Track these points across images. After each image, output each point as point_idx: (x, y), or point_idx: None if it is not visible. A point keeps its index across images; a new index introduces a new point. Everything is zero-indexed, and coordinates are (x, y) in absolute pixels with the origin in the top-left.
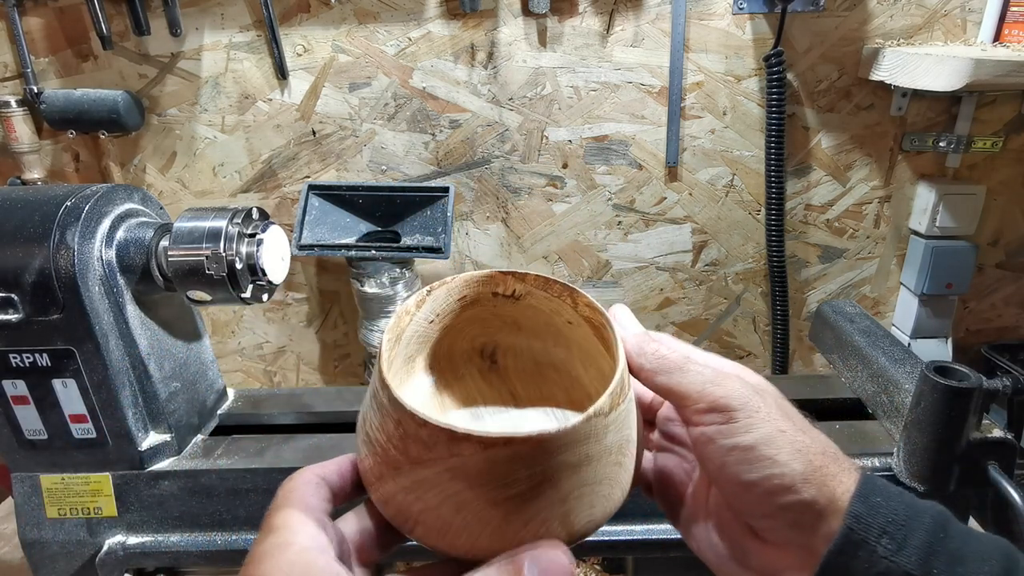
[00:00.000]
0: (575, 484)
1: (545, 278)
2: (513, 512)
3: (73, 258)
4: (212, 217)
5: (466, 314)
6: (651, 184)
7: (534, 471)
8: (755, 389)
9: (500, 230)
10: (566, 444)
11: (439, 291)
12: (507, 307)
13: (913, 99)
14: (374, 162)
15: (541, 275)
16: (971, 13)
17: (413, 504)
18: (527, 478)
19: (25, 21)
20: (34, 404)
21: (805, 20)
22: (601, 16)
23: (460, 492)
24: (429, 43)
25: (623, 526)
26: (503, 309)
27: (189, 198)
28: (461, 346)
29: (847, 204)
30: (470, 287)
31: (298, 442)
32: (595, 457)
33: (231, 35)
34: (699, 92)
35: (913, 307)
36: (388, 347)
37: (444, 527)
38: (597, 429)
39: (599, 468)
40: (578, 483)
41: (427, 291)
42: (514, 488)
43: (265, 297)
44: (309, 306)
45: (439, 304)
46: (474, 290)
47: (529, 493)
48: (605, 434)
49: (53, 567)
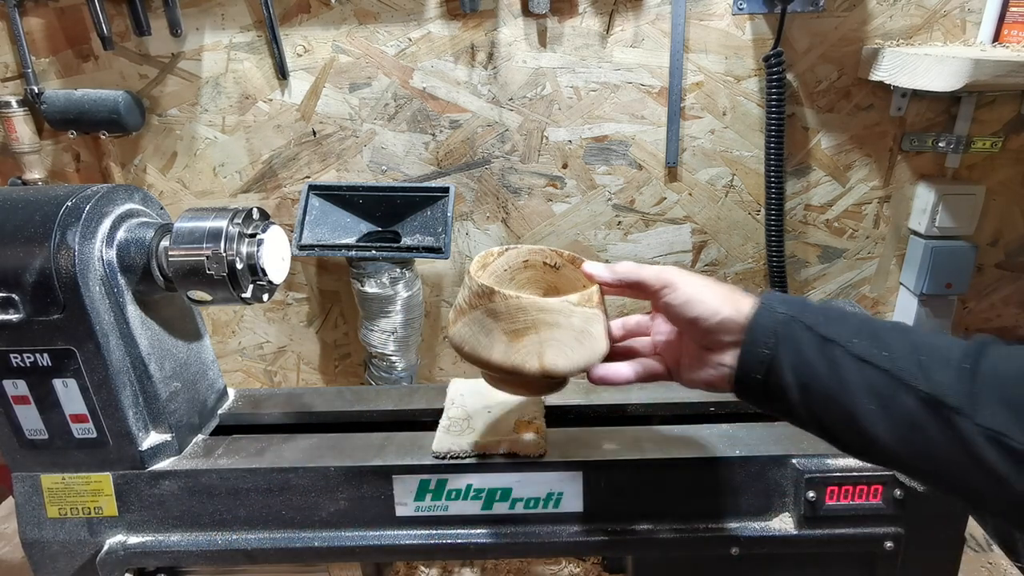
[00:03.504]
0: (548, 336)
1: (573, 256)
2: (514, 339)
3: (74, 258)
4: (212, 217)
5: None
6: (651, 184)
7: (528, 319)
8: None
9: (500, 230)
10: (544, 309)
11: (512, 251)
12: (550, 274)
13: (913, 99)
14: (374, 162)
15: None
16: (970, 13)
17: (465, 332)
18: (523, 321)
19: (26, 21)
20: (35, 404)
21: (805, 20)
22: (601, 16)
23: (489, 324)
24: (429, 43)
25: (623, 526)
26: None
27: (190, 198)
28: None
29: (847, 204)
30: (532, 254)
31: (298, 442)
32: (564, 326)
33: (231, 35)
34: (699, 92)
35: (913, 307)
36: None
37: (478, 344)
38: (565, 309)
39: (564, 334)
40: (549, 336)
41: (505, 248)
42: (515, 325)
43: (265, 297)
44: (309, 306)
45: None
46: (534, 257)
47: (523, 331)
48: (571, 315)
49: (54, 567)
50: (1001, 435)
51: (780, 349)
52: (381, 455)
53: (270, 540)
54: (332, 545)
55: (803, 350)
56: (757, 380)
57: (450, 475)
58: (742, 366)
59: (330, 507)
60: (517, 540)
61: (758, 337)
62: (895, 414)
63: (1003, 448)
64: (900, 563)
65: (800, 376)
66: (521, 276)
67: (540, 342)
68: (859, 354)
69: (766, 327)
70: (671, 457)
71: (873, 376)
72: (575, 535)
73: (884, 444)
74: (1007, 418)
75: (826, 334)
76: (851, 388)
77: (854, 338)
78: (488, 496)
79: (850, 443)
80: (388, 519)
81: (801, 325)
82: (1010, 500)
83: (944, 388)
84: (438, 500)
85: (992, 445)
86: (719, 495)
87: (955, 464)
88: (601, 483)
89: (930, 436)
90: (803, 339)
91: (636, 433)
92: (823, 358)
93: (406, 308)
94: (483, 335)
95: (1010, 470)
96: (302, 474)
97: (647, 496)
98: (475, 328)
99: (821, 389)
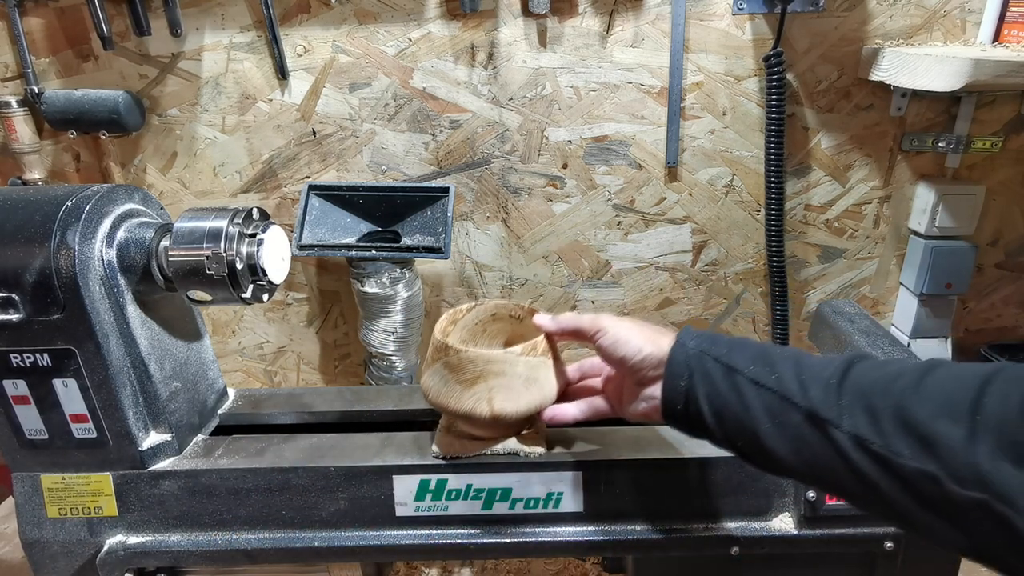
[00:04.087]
0: (496, 383)
1: (532, 309)
2: (466, 388)
3: (74, 258)
4: (212, 217)
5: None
6: (651, 184)
7: (477, 369)
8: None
9: (500, 230)
10: (491, 360)
11: (480, 307)
12: (516, 324)
13: (913, 99)
14: (374, 162)
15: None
16: (970, 13)
17: (430, 381)
18: (472, 372)
19: (26, 21)
20: (35, 404)
21: (805, 20)
22: (601, 16)
23: (446, 375)
24: (429, 43)
25: (623, 526)
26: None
27: (190, 198)
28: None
29: (847, 204)
30: (499, 308)
31: (298, 442)
32: (510, 375)
33: (231, 35)
34: (699, 92)
35: (913, 307)
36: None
37: (439, 393)
38: (510, 359)
39: (511, 381)
40: (497, 384)
41: (474, 304)
42: (467, 376)
43: (265, 297)
44: (309, 306)
45: (480, 313)
46: (501, 310)
47: (473, 380)
48: (516, 364)
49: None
50: (863, 439)
51: (694, 380)
52: (381, 455)
53: (270, 540)
54: (332, 545)
55: (713, 380)
56: (679, 410)
57: (450, 475)
58: (665, 398)
59: (330, 507)
60: (517, 540)
61: (675, 370)
62: (786, 431)
63: (867, 452)
64: (900, 563)
65: (713, 404)
66: (492, 327)
67: (489, 389)
68: (755, 378)
69: (680, 361)
70: (671, 457)
71: (767, 397)
72: (575, 535)
73: (782, 459)
74: (866, 423)
75: (730, 363)
76: (752, 411)
77: (752, 365)
78: (488, 496)
79: (758, 461)
80: (388, 519)
81: (709, 358)
82: (884, 502)
83: (818, 402)
84: (438, 500)
85: (858, 449)
86: (719, 495)
87: (836, 472)
88: (601, 483)
89: (814, 448)
90: (713, 370)
91: (636, 433)
92: (729, 385)
93: (406, 308)
94: (443, 384)
95: (876, 473)
96: (302, 474)
97: (647, 496)
98: (436, 378)
99: (732, 415)
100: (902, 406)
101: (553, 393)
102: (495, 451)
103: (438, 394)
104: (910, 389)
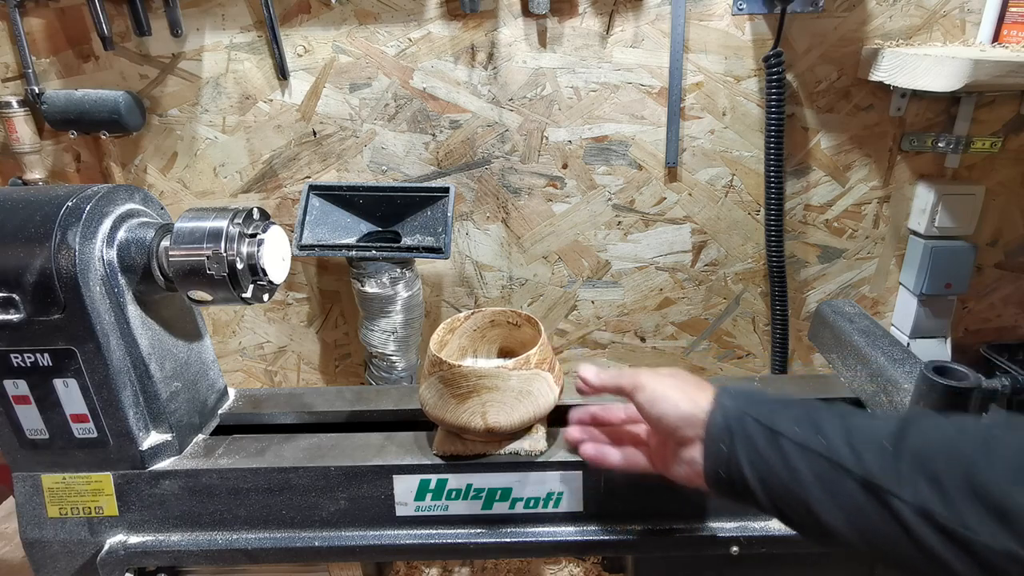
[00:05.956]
0: (489, 398)
1: (529, 316)
2: (461, 403)
3: (74, 258)
4: (213, 217)
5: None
6: (651, 184)
7: (470, 384)
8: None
9: (500, 230)
10: (484, 375)
11: (478, 314)
12: (514, 330)
13: (912, 99)
14: (374, 162)
15: (529, 315)
16: (970, 14)
17: (426, 394)
18: (466, 386)
19: (26, 21)
20: (35, 404)
21: (804, 21)
22: (601, 17)
23: (441, 388)
24: (429, 44)
25: (623, 526)
26: (512, 331)
27: (190, 198)
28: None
29: (846, 204)
30: (496, 315)
31: (298, 442)
32: (503, 389)
33: (232, 36)
34: (699, 92)
35: (912, 307)
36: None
37: (435, 406)
38: (502, 374)
39: (504, 395)
40: (490, 398)
41: (471, 312)
42: (460, 390)
43: (266, 297)
44: (310, 306)
45: (478, 321)
46: (499, 317)
47: (467, 394)
48: (508, 378)
49: (54, 566)
50: (928, 511)
51: (736, 445)
52: (381, 455)
53: (270, 540)
54: (332, 545)
55: (756, 444)
56: (723, 477)
57: (450, 475)
58: (707, 464)
59: (330, 507)
60: (517, 540)
61: (715, 433)
62: (841, 500)
63: (933, 524)
64: None
65: (757, 470)
66: (491, 333)
67: (483, 403)
68: (801, 441)
69: (720, 424)
70: None
71: (815, 463)
72: (575, 535)
73: (837, 530)
74: (930, 492)
75: (772, 425)
76: (801, 477)
77: (796, 426)
78: (488, 496)
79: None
80: (388, 519)
81: (751, 419)
82: None
83: (874, 469)
84: (438, 500)
85: (923, 522)
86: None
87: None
88: (601, 483)
89: (873, 519)
90: (755, 432)
91: None
92: (774, 449)
93: (406, 308)
94: (438, 398)
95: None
96: (302, 474)
97: (647, 496)
98: (432, 392)
99: (778, 482)
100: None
101: (548, 405)
102: (495, 451)
103: (434, 407)
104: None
